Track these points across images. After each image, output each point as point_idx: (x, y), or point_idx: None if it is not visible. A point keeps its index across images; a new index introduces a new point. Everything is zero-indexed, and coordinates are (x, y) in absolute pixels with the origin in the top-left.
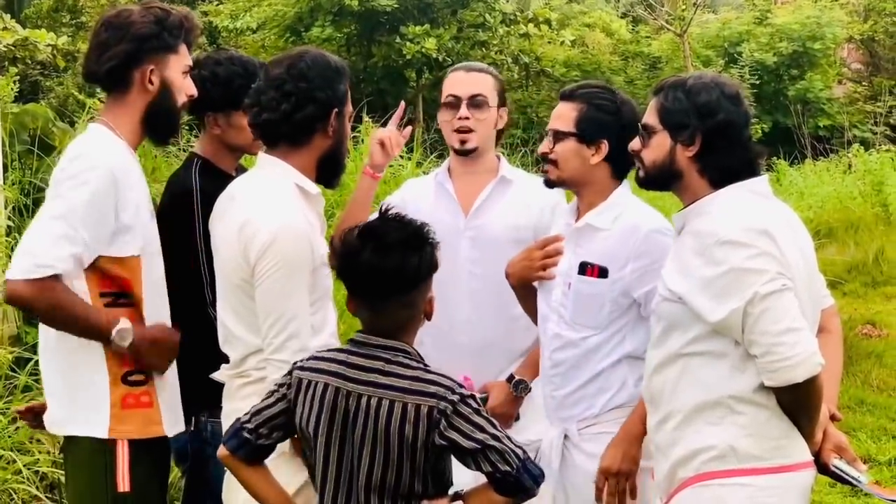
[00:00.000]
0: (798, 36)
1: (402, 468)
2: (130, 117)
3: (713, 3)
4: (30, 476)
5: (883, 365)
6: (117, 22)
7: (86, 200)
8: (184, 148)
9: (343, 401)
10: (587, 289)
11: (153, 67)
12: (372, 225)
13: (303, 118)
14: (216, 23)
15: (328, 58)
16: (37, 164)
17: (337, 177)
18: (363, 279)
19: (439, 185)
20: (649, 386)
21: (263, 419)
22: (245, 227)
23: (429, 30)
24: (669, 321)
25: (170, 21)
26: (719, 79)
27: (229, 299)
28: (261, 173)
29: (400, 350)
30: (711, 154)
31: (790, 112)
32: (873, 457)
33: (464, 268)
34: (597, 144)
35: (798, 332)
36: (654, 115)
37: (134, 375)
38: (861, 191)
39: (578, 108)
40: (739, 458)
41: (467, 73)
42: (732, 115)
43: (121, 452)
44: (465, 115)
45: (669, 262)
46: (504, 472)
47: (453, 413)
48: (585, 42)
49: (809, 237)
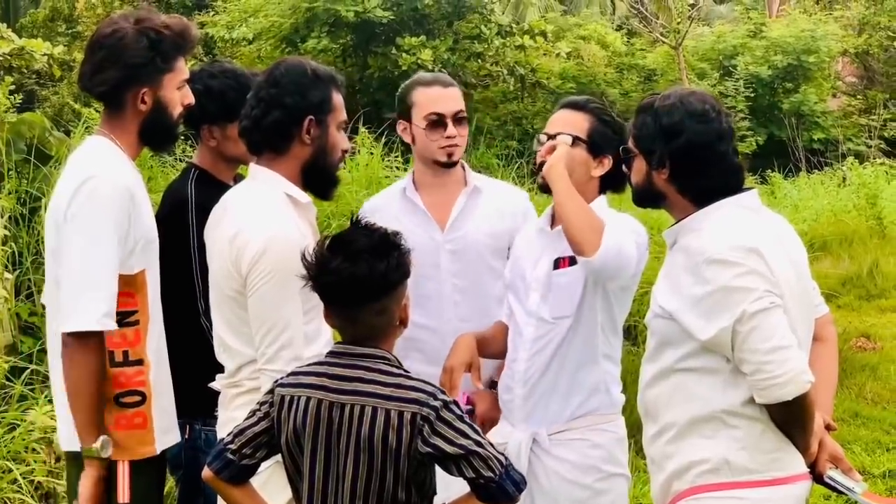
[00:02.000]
0: (793, 49)
1: (386, 476)
2: (127, 132)
3: (708, 17)
4: (25, 486)
5: (877, 378)
6: (110, 43)
7: (111, 231)
8: (180, 158)
9: (326, 412)
10: (563, 279)
11: (146, 90)
12: (341, 235)
13: (270, 123)
14: (212, 33)
15: (307, 65)
16: (33, 173)
17: (328, 188)
18: (334, 288)
19: (407, 199)
20: (643, 399)
21: (246, 439)
22: (236, 238)
23: (425, 41)
24: (662, 337)
25: (164, 45)
26: (686, 97)
27: (223, 310)
28: (252, 184)
29: (379, 357)
30: (684, 175)
31: (785, 125)
32: (868, 469)
33: (447, 281)
34: (601, 159)
35: (787, 350)
36: (632, 138)
37: (126, 397)
38: (855, 204)
39: (589, 119)
40: (733, 471)
41: (446, 89)
42: (698, 134)
43: (121, 468)
44: (453, 134)
45: (661, 278)
46: (487, 478)
47: (437, 419)
48: (581, 54)
49: (802, 247)
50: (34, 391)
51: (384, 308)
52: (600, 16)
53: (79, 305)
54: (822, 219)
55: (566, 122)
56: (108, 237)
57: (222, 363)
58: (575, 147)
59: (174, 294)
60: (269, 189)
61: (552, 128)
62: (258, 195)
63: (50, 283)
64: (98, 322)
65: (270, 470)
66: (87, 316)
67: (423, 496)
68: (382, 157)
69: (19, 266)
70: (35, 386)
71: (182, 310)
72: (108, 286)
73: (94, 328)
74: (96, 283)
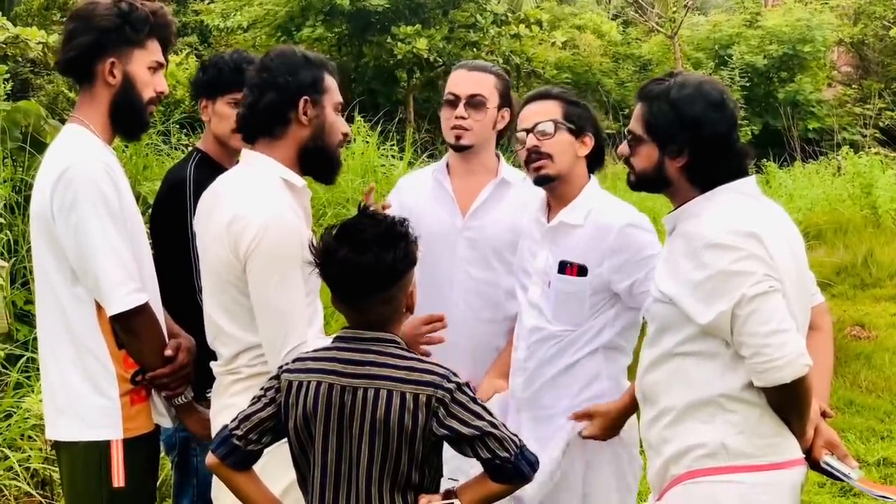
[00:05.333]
0: (788, 39)
1: (401, 458)
2: (99, 112)
3: (703, 6)
4: (21, 473)
5: (872, 366)
6: (82, 14)
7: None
8: (175, 146)
9: (338, 396)
10: (568, 287)
11: (114, 60)
12: (348, 223)
13: (265, 105)
14: (207, 22)
15: (297, 50)
16: (29, 161)
17: (330, 171)
18: (342, 277)
19: (437, 182)
20: (642, 384)
21: (253, 424)
22: (233, 223)
23: (420, 30)
24: (661, 322)
25: (134, 15)
26: (702, 86)
27: (220, 297)
28: (245, 169)
29: (389, 341)
30: (700, 164)
31: (780, 114)
32: (862, 457)
33: (460, 268)
34: (583, 137)
35: (785, 334)
36: (640, 124)
37: (138, 375)
38: (850, 193)
39: (559, 104)
40: (730, 455)
41: (468, 72)
42: (718, 124)
43: (115, 450)
44: (461, 115)
45: (661, 263)
46: (503, 458)
47: (451, 401)
48: (576, 44)
49: (800, 236)
50: (30, 379)
51: (391, 297)
52: (596, 5)
53: (112, 289)
54: (817, 208)
55: (538, 112)
56: (105, 216)
57: (216, 350)
58: (558, 132)
59: (172, 274)
60: (263, 173)
61: (526, 122)
62: (252, 179)
63: (39, 276)
64: (135, 299)
65: (269, 455)
66: (124, 298)
67: (433, 477)
68: (378, 146)
69: (15, 254)
70: (31, 374)
71: (179, 289)
72: (128, 261)
73: (133, 306)
74: (118, 261)
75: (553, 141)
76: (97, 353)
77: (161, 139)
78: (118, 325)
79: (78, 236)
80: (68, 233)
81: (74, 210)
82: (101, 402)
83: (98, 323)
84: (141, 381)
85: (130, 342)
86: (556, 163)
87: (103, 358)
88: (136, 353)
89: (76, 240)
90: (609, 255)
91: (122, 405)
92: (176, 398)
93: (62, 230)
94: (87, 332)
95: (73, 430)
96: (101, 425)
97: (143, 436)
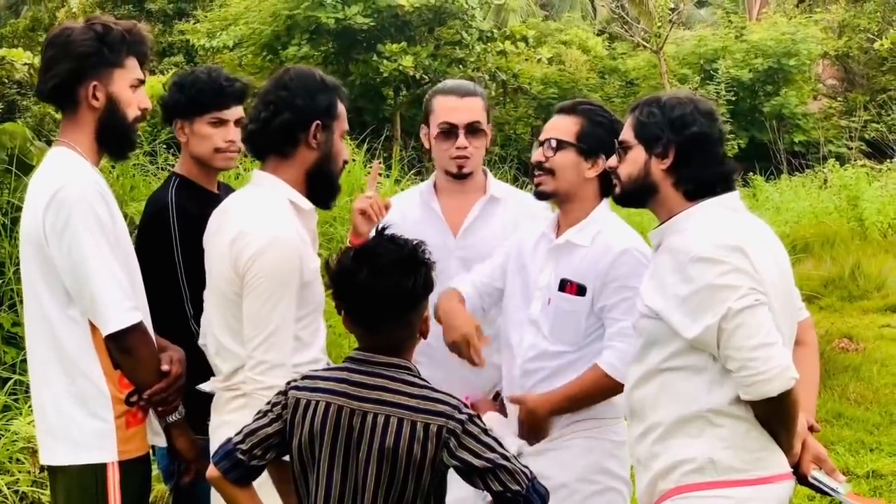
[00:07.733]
0: (773, 52)
1: (408, 486)
2: (85, 135)
3: (689, 20)
4: (10, 496)
5: (860, 378)
6: (59, 41)
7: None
8: (162, 167)
9: (347, 419)
10: (567, 306)
11: (96, 83)
12: (367, 246)
13: (280, 124)
14: (193, 41)
15: (316, 72)
16: (15, 183)
17: (331, 196)
18: (359, 301)
19: (425, 203)
20: (630, 400)
21: (258, 439)
22: (237, 240)
23: (406, 47)
24: (648, 337)
25: (111, 37)
26: (694, 96)
27: (223, 314)
28: (256, 189)
29: (403, 367)
30: (686, 166)
31: (766, 128)
32: (851, 470)
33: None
34: (594, 159)
35: (772, 347)
36: (630, 130)
37: (133, 396)
38: (837, 206)
39: (579, 122)
40: (718, 470)
41: (461, 100)
42: (706, 128)
43: (111, 473)
44: (464, 145)
45: (647, 278)
46: (515, 491)
47: (463, 433)
48: (562, 59)
49: (785, 251)
50: (18, 401)
51: (408, 322)
52: (581, 21)
53: (108, 307)
54: (803, 221)
55: (555, 127)
56: (99, 235)
57: (216, 366)
58: (563, 151)
59: (161, 300)
60: (273, 194)
61: (544, 135)
62: (261, 199)
63: (30, 299)
64: (131, 318)
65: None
66: (120, 316)
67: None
68: (364, 164)
69: (1, 276)
70: (19, 396)
71: (170, 316)
72: (123, 280)
73: (129, 324)
74: (113, 280)
75: (556, 158)
76: (90, 375)
77: (148, 160)
78: (113, 345)
79: (72, 256)
80: (62, 254)
81: (68, 230)
82: (95, 424)
83: (92, 344)
84: (136, 401)
85: (125, 361)
86: (557, 180)
87: (97, 379)
88: (131, 372)
89: (70, 260)
90: (601, 276)
91: (117, 427)
92: (169, 415)
93: (56, 251)
94: (79, 354)
95: (67, 453)
96: (96, 448)
97: (138, 458)
